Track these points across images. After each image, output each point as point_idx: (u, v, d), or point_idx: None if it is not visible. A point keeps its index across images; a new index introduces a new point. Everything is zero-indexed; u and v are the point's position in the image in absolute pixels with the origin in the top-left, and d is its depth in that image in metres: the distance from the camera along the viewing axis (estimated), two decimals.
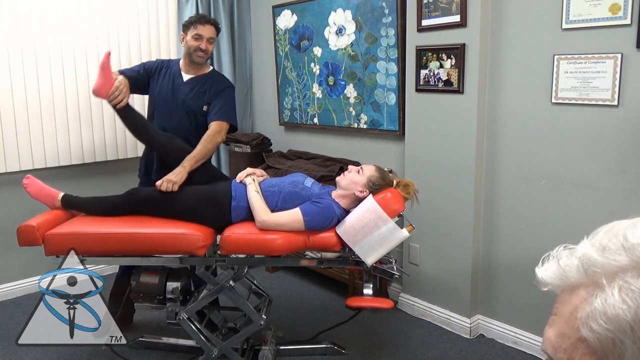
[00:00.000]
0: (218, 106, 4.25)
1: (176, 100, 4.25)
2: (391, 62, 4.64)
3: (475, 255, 4.27)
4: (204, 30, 4.20)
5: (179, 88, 4.29)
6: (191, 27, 4.22)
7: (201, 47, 4.19)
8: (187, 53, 4.26)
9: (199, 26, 4.19)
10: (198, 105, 4.25)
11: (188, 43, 4.23)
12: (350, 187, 3.48)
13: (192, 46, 4.20)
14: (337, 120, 5.28)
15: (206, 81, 4.31)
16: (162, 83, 4.32)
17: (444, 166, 4.29)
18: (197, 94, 4.26)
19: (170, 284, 3.66)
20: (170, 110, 4.25)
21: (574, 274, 0.80)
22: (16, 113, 4.96)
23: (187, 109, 4.24)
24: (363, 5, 4.80)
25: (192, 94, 4.26)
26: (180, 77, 4.33)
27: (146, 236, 3.44)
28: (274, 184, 3.64)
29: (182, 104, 4.25)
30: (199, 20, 4.23)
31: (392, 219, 3.32)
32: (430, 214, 4.39)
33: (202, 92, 4.27)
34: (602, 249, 0.79)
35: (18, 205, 4.89)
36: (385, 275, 3.62)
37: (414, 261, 4.65)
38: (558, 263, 0.84)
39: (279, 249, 3.37)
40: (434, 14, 4.16)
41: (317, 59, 5.37)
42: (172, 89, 4.28)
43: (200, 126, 4.23)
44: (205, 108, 4.24)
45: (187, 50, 4.25)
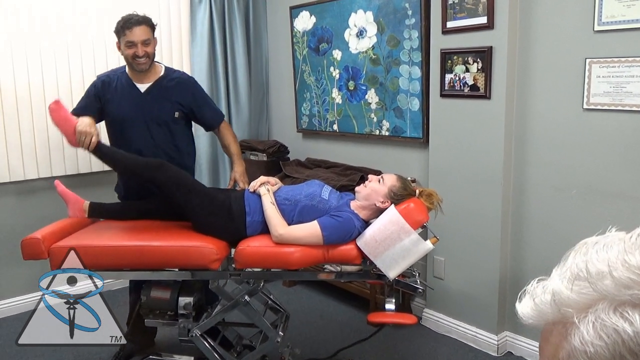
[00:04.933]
0: (209, 110, 4.33)
1: (142, 115, 4.14)
2: (414, 66, 4.65)
3: (503, 269, 4.27)
4: (134, 35, 4.00)
5: (139, 101, 4.15)
6: (121, 36, 4.04)
7: (137, 54, 4.02)
8: (127, 62, 4.14)
9: (127, 32, 4.00)
10: (168, 114, 4.17)
11: (123, 52, 4.08)
12: (371, 197, 3.48)
13: (128, 55, 4.04)
14: (357, 127, 5.30)
15: (168, 86, 4.20)
16: (118, 101, 4.17)
17: (470, 175, 4.30)
18: (163, 102, 4.16)
19: (183, 299, 3.64)
20: (139, 127, 4.14)
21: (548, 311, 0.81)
22: (20, 120, 5.00)
23: (158, 121, 4.15)
24: (385, 6, 4.81)
25: (157, 105, 4.15)
26: (135, 89, 4.18)
27: (157, 249, 3.45)
28: (289, 195, 3.64)
29: (150, 117, 4.13)
30: (125, 25, 4.02)
31: (415, 230, 3.30)
32: (455, 225, 4.40)
33: (168, 99, 4.17)
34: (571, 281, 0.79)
35: (23, 216, 4.95)
36: (409, 289, 3.61)
37: (439, 275, 4.66)
38: (533, 300, 0.85)
39: (297, 262, 3.38)
40: (459, 16, 4.17)
41: (336, 63, 5.39)
42: (132, 104, 4.14)
43: (176, 135, 4.22)
44: (177, 115, 4.18)
45: (126, 60, 4.11)
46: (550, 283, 0.83)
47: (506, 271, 4.29)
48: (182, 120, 4.25)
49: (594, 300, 0.75)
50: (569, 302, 0.78)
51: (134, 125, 4.13)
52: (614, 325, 0.72)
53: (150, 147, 4.12)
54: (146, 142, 4.12)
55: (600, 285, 0.75)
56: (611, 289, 0.74)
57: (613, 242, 0.81)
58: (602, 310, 0.74)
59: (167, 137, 4.18)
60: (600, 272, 0.76)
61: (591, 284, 0.76)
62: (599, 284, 0.75)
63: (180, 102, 4.17)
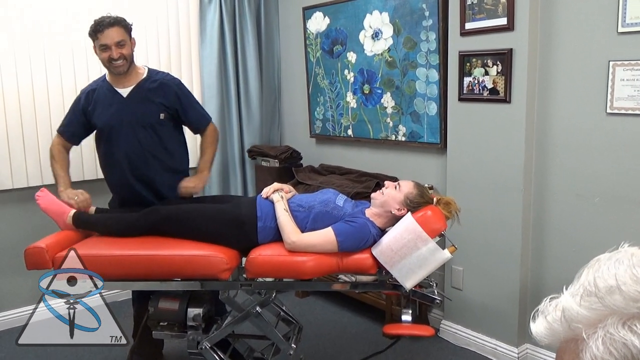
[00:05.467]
0: (194, 112, 4.33)
1: (127, 120, 4.14)
2: (432, 69, 4.67)
3: (524, 279, 4.28)
4: (107, 37, 4.00)
5: (122, 106, 4.16)
6: (94, 40, 4.05)
7: (112, 57, 4.01)
8: (105, 66, 4.14)
9: (99, 36, 4.00)
10: (153, 116, 4.16)
11: (99, 56, 4.09)
12: (387, 204, 3.50)
13: (104, 59, 4.05)
14: (373, 132, 5.32)
15: (151, 87, 4.20)
16: (103, 109, 4.19)
17: (490, 182, 4.32)
18: (147, 105, 4.15)
19: (192, 310, 3.63)
20: (125, 132, 4.15)
21: (560, 328, 0.83)
22: (24, 125, 5.06)
23: (143, 124, 4.15)
24: (401, 6, 4.82)
25: (141, 108, 4.15)
26: (117, 95, 4.18)
27: (165, 258, 3.47)
28: (303, 202, 3.65)
29: (135, 121, 4.15)
30: (97, 29, 4.01)
31: (432, 239, 3.29)
32: (474, 234, 4.42)
33: (151, 101, 4.16)
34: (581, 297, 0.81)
35: (27, 224, 4.98)
36: (426, 300, 3.61)
37: (457, 285, 4.68)
38: (546, 319, 0.87)
39: (310, 272, 3.38)
40: (478, 17, 4.18)
41: (351, 66, 5.41)
42: (117, 110, 4.15)
43: (164, 138, 4.21)
44: (163, 116, 4.17)
45: (103, 64, 4.12)
46: (561, 300, 0.86)
47: (527, 281, 4.30)
48: (170, 122, 4.24)
49: (604, 316, 0.78)
50: (578, 318, 0.81)
51: (120, 131, 4.14)
52: (622, 339, 0.75)
53: (138, 151, 4.15)
54: (133, 146, 4.14)
55: (609, 300, 0.78)
56: (620, 303, 0.77)
57: (624, 258, 0.84)
58: (611, 325, 0.77)
59: (155, 139, 4.18)
60: (609, 287, 0.79)
61: (600, 299, 0.79)
62: (607, 298, 0.78)
63: (164, 103, 4.17)
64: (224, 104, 6.02)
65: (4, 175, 5.01)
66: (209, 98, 5.93)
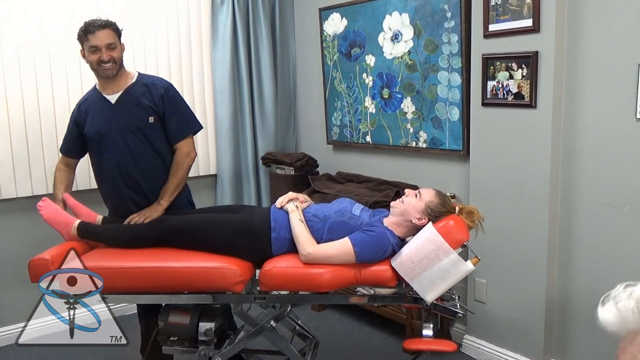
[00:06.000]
0: (174, 121, 4.21)
1: (116, 126, 4.14)
2: (454, 73, 4.67)
3: (550, 293, 4.26)
4: (98, 39, 4.01)
5: (111, 113, 4.16)
6: (83, 42, 4.06)
7: (102, 59, 4.02)
8: (93, 70, 4.14)
9: (89, 37, 4.01)
10: (141, 120, 4.14)
11: (87, 59, 4.09)
12: (407, 213, 3.50)
13: (93, 61, 4.05)
14: (392, 138, 5.32)
15: (138, 91, 4.19)
16: (92, 119, 4.21)
17: (514, 190, 4.31)
18: (136, 109, 4.14)
19: (203, 324, 3.64)
20: (115, 139, 4.15)
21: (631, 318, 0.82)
22: (28, 131, 5.06)
23: (132, 129, 4.12)
24: (422, 7, 4.83)
25: (130, 113, 4.13)
26: (106, 102, 4.19)
27: (175, 270, 3.48)
28: (318, 212, 3.66)
29: (123, 126, 4.13)
30: (87, 30, 4.02)
31: (455, 250, 3.29)
32: (498, 244, 4.41)
33: (139, 105, 4.14)
34: None
35: (30, 235, 4.98)
36: (448, 314, 3.61)
37: (480, 298, 4.67)
38: (616, 306, 0.86)
39: (327, 285, 3.39)
40: (502, 18, 4.18)
41: (369, 69, 5.42)
42: (106, 117, 4.16)
43: (155, 142, 4.18)
44: (152, 119, 4.14)
45: (92, 67, 4.12)
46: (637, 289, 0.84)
47: (553, 294, 4.28)
48: (160, 125, 4.21)
49: None
50: None
51: (109, 138, 4.14)
52: None
53: (128, 157, 4.14)
54: (123, 153, 4.13)
55: None
56: None
57: None
58: None
59: (145, 144, 4.16)
60: None
61: None
62: None
63: (151, 105, 4.15)
64: (237, 109, 6.04)
65: (6, 184, 5.02)
66: (221, 103, 5.95)
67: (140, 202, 4.16)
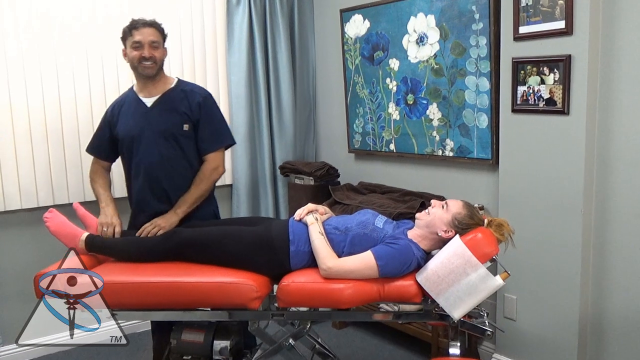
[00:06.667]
0: (208, 131, 4.26)
1: (149, 130, 4.22)
2: (482, 77, 4.67)
3: (584, 309, 4.24)
4: (142, 35, 4.14)
5: (146, 116, 4.24)
6: (127, 37, 4.18)
7: (144, 55, 4.12)
8: (133, 68, 4.24)
9: (134, 32, 4.14)
10: (175, 126, 4.21)
11: (129, 55, 4.20)
12: (433, 225, 3.50)
13: (134, 57, 4.16)
14: (417, 146, 5.32)
15: (176, 97, 4.26)
16: (125, 120, 4.30)
17: (546, 202, 4.29)
18: (171, 114, 4.21)
19: (218, 342, 3.67)
20: (146, 143, 4.22)
21: None
22: (33, 139, 5.05)
23: (164, 135, 4.19)
24: (449, 9, 4.83)
25: (164, 117, 4.21)
26: (141, 104, 4.29)
27: (189, 286, 3.48)
28: (339, 224, 3.66)
29: (157, 132, 4.19)
30: (133, 27, 4.17)
31: (483, 264, 3.28)
32: (529, 258, 4.40)
33: (176, 111, 4.21)
34: None
35: (36, 248, 4.99)
36: (476, 331, 3.57)
37: (510, 315, 4.65)
38: None
39: (348, 301, 3.38)
40: (533, 20, 4.17)
41: (393, 73, 5.42)
42: (140, 120, 4.24)
43: (187, 150, 4.24)
44: (187, 127, 4.20)
45: (132, 64, 4.22)
46: None
47: (587, 311, 4.26)
48: (194, 134, 4.28)
49: None
50: None
51: (140, 142, 4.22)
52: None
53: (158, 163, 4.20)
54: (154, 158, 4.20)
55: None
56: None
57: None
58: None
59: (177, 152, 4.22)
60: None
61: None
62: None
63: (188, 113, 4.22)
64: (253, 115, 6.05)
65: (11, 195, 5.00)
66: (237, 109, 5.96)
67: (164, 210, 4.16)
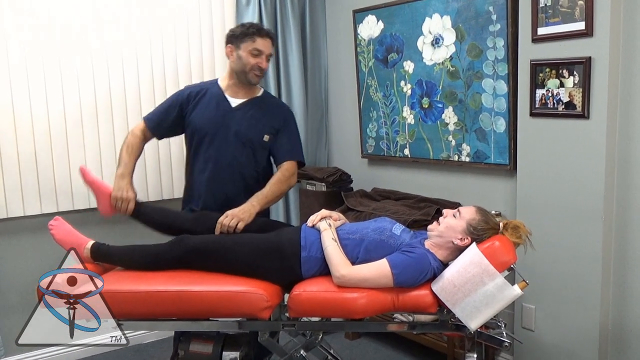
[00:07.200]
0: (289, 142, 4.31)
1: (227, 129, 4.28)
2: (500, 80, 4.67)
3: (604, 320, 4.23)
4: (265, 45, 4.21)
5: (228, 115, 4.31)
6: (246, 40, 4.21)
7: (261, 66, 4.21)
8: (240, 71, 4.28)
9: (257, 39, 4.19)
10: (256, 135, 4.27)
11: (243, 59, 4.22)
12: (447, 234, 3.49)
13: (250, 64, 4.21)
14: (432, 151, 5.33)
15: (262, 106, 4.33)
16: (201, 112, 4.35)
17: (565, 208, 4.28)
18: (253, 122, 4.27)
19: (227, 353, 3.67)
20: (220, 142, 4.29)
21: None
22: (36, 143, 5.04)
23: (243, 140, 4.26)
24: (465, 10, 4.84)
25: (246, 122, 4.27)
26: (226, 102, 4.35)
27: (197, 295, 3.46)
28: (354, 230, 3.65)
29: (235, 134, 4.25)
30: (258, 33, 4.22)
31: (500, 273, 3.26)
32: (548, 267, 4.39)
33: (259, 119, 4.28)
34: None
35: (39, 256, 4.98)
36: (493, 343, 3.55)
37: (528, 326, 4.65)
38: None
39: (361, 311, 3.36)
40: (552, 21, 4.18)
41: (408, 76, 5.43)
42: (219, 117, 4.30)
43: (260, 160, 4.30)
44: (267, 138, 4.26)
45: (241, 68, 4.26)
46: None
47: (607, 322, 4.26)
48: (273, 145, 4.35)
49: None
50: None
51: (214, 140, 4.28)
52: None
53: (228, 166, 4.26)
54: (225, 159, 4.26)
55: None
56: None
57: None
58: None
59: (250, 160, 4.30)
60: None
61: None
62: None
63: (271, 124, 4.30)
64: None
65: (13, 201, 5.00)
66: None
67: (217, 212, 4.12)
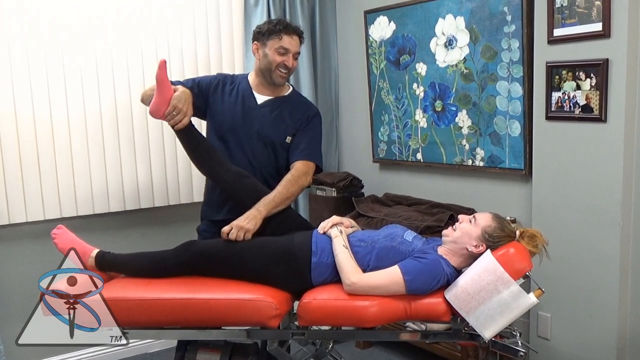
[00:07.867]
0: (305, 142, 4.24)
1: (249, 127, 4.23)
2: (515, 83, 4.69)
3: (622, 328, 4.24)
4: (292, 43, 4.13)
5: (251, 112, 4.25)
6: (273, 37, 4.12)
7: (287, 64, 4.13)
8: (265, 70, 4.19)
9: (284, 37, 4.10)
10: (279, 135, 4.23)
11: (268, 57, 4.13)
12: (461, 240, 3.49)
13: (275, 62, 4.12)
14: (446, 156, 5.35)
15: (288, 105, 4.29)
16: (227, 104, 4.29)
17: (582, 214, 4.29)
18: (278, 122, 4.23)
19: None
20: (241, 139, 4.23)
21: None
22: (39, 147, 5.07)
23: (264, 140, 4.22)
24: (479, 10, 4.86)
25: (270, 121, 4.23)
26: (252, 98, 4.29)
27: (205, 303, 3.45)
28: (365, 237, 3.65)
29: (257, 133, 4.21)
30: (285, 30, 4.12)
31: (516, 281, 3.25)
32: (564, 275, 4.41)
33: (283, 120, 4.24)
34: None
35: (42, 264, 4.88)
36: (508, 352, 3.56)
37: (544, 335, 4.66)
38: None
39: (373, 319, 3.35)
40: (568, 22, 4.19)
41: (420, 79, 5.45)
42: (243, 113, 4.24)
43: (281, 161, 4.26)
44: (289, 139, 4.23)
45: (266, 66, 4.17)
46: None
47: (625, 330, 4.26)
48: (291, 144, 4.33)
49: None
50: None
51: (233, 133, 4.25)
52: None
53: (247, 164, 4.21)
54: (245, 157, 4.23)
55: None
56: None
57: None
58: None
59: (271, 160, 4.27)
60: None
61: None
62: None
63: (294, 124, 4.25)
64: None
65: (15, 207, 5.01)
66: None
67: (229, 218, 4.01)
